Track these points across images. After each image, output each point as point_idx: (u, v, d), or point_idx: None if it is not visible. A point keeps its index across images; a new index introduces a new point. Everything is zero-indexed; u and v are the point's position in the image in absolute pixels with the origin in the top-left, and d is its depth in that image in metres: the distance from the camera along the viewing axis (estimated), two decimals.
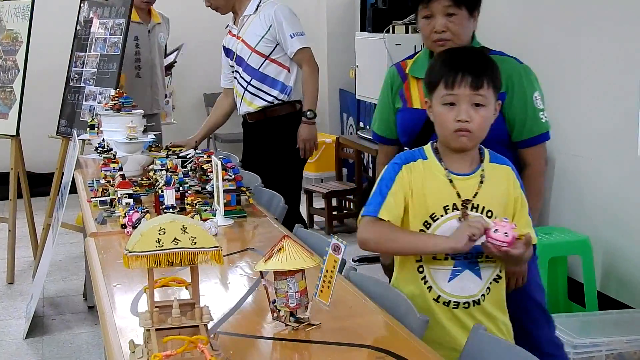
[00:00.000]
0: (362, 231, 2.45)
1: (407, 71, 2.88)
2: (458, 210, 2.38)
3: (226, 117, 5.09)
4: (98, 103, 5.38)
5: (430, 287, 2.44)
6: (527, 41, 5.30)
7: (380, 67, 6.01)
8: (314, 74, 4.75)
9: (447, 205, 2.38)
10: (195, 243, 1.72)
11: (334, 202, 6.93)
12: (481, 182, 2.40)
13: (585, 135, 4.81)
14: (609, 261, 4.58)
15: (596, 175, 4.71)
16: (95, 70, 5.50)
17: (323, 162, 7.57)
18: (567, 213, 4.97)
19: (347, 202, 7.07)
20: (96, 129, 4.63)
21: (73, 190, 4.49)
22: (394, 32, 6.05)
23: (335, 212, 6.84)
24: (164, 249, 1.69)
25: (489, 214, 2.39)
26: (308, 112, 4.74)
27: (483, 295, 2.44)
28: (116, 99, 4.50)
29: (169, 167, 3.77)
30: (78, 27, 5.80)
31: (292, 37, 4.67)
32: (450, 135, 2.36)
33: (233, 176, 3.49)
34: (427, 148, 2.46)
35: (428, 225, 2.39)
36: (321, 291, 2.28)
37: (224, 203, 3.40)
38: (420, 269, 2.45)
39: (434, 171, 2.41)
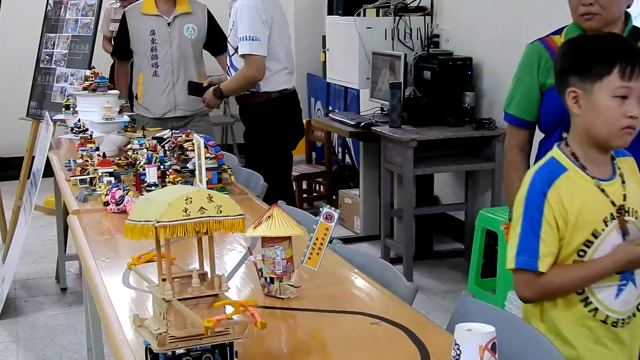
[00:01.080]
0: (523, 290, 2.18)
1: (560, 46, 2.48)
2: (615, 219, 2.14)
3: None
4: (70, 84, 5.36)
5: (595, 309, 2.14)
6: (492, 23, 5.39)
7: (351, 51, 6.06)
8: (247, 78, 4.77)
9: (606, 218, 2.13)
10: (220, 212, 1.71)
11: (304, 185, 6.98)
12: (623, 182, 2.19)
13: None
14: None
15: None
16: (67, 51, 5.48)
17: None
18: None
19: (317, 185, 7.13)
20: (71, 109, 4.61)
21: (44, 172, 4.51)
22: (364, 15, 6.09)
23: (305, 195, 6.90)
24: (192, 218, 1.68)
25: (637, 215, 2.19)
26: (219, 90, 4.85)
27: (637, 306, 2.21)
28: (91, 79, 4.49)
29: (148, 147, 3.79)
30: (48, 8, 5.76)
31: (240, 41, 4.69)
32: (616, 132, 2.09)
33: (214, 154, 3.53)
34: (560, 156, 2.17)
35: (589, 244, 2.13)
36: (309, 258, 2.33)
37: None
38: (580, 291, 2.15)
39: (581, 183, 2.14)
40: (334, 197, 6.72)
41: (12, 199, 6.20)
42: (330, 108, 7.59)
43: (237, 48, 4.72)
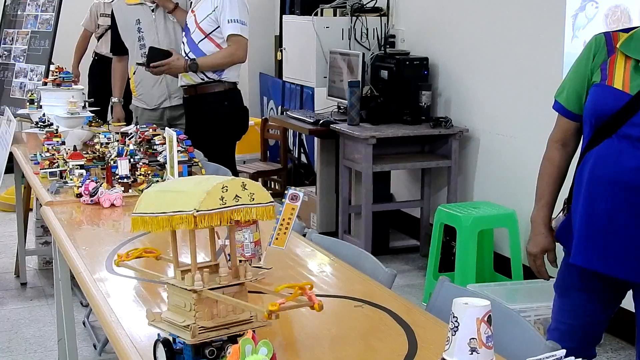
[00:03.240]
0: None
1: (618, 45, 2.46)
2: None
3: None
4: (29, 80, 5.35)
5: None
6: (447, 24, 5.53)
7: (308, 50, 6.16)
8: (233, 57, 4.79)
9: None
10: (253, 199, 1.72)
11: (259, 183, 7.04)
12: None
13: (508, 116, 5.05)
14: None
15: (519, 153, 4.96)
16: (26, 47, 5.47)
17: (244, 144, 7.66)
18: (492, 188, 5.22)
19: (272, 183, 7.20)
20: (35, 104, 4.62)
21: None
22: (322, 15, 6.19)
23: None
24: (228, 207, 1.68)
25: None
26: (195, 63, 4.79)
27: None
28: (56, 74, 4.51)
29: (117, 140, 3.83)
30: (6, 3, 5.74)
31: (228, 22, 4.74)
32: None
33: (185, 148, 3.59)
34: None
35: None
36: (277, 238, 2.42)
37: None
38: None
39: None
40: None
41: None
42: (284, 107, 7.67)
43: (213, 32, 4.74)
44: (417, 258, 5.70)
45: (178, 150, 3.49)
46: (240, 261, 2.33)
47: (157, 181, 3.57)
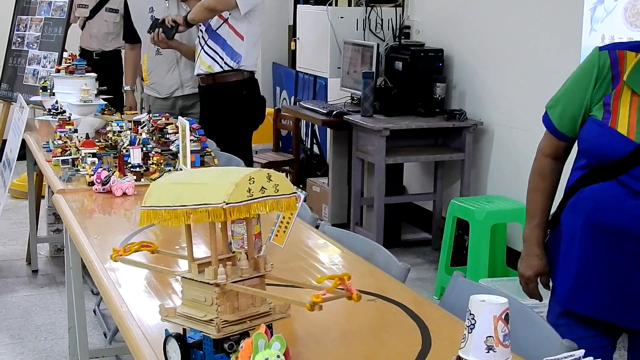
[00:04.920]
0: None
1: (624, 78, 2.20)
2: None
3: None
4: (42, 67, 5.34)
5: None
6: (463, 15, 5.49)
7: (322, 40, 6.13)
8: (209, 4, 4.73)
9: None
10: (277, 190, 1.69)
11: None
12: None
13: (523, 109, 5.01)
14: None
15: (534, 147, 4.90)
16: (40, 34, 5.44)
17: (257, 134, 7.63)
18: (506, 182, 5.18)
19: (284, 173, 7.15)
20: (49, 91, 4.60)
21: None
22: (336, 4, 6.16)
23: None
24: (255, 199, 1.64)
25: None
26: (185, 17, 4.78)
27: None
28: (69, 61, 4.49)
29: (130, 129, 3.82)
30: None
31: None
32: None
33: (198, 137, 3.57)
34: None
35: None
36: (276, 235, 2.40)
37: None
38: None
39: None
40: (301, 185, 6.76)
41: None
42: (297, 97, 7.64)
43: (230, 18, 4.72)
44: (429, 251, 5.67)
45: (190, 140, 3.46)
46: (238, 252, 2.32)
47: (170, 170, 3.55)
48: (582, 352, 1.45)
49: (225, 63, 4.81)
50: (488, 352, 1.47)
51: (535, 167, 2.47)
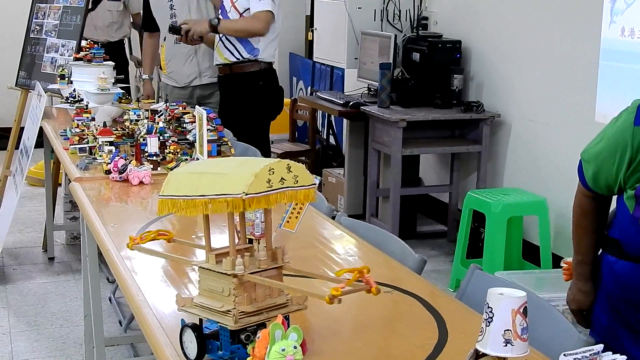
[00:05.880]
0: None
1: None
2: None
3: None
4: (60, 55, 5.34)
5: None
6: (481, 6, 5.46)
7: (340, 30, 6.11)
8: (249, 24, 4.70)
9: None
10: (297, 182, 1.69)
11: None
12: None
13: (541, 102, 4.98)
14: (561, 223, 4.77)
15: (552, 140, 4.89)
16: (58, 22, 5.44)
17: (273, 124, 7.62)
18: (523, 175, 5.15)
19: (300, 163, 7.16)
20: (66, 79, 4.61)
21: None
22: None
23: None
24: (274, 189, 1.64)
25: None
26: (216, 20, 4.74)
27: None
28: (87, 49, 4.50)
29: (147, 117, 3.83)
30: None
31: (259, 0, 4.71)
32: None
33: (215, 127, 3.57)
34: None
35: None
36: (288, 222, 2.40)
37: None
38: None
39: None
40: (314, 175, 6.75)
41: None
42: (314, 87, 7.63)
43: (247, 11, 4.71)
44: (444, 243, 5.66)
45: (207, 129, 3.47)
46: (250, 240, 2.32)
47: (186, 159, 3.56)
48: (601, 346, 1.44)
49: (241, 55, 4.81)
50: (506, 345, 1.46)
51: (576, 204, 2.37)
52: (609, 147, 2.18)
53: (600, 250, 2.35)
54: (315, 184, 1.76)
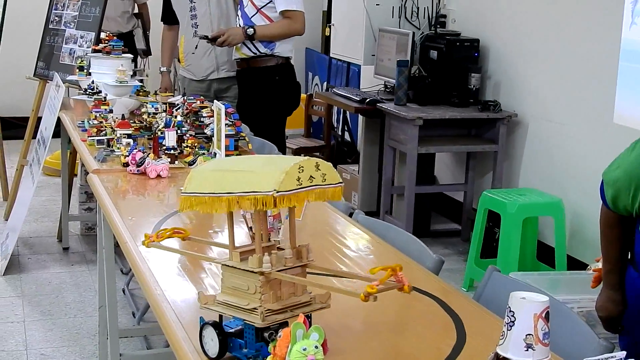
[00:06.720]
0: None
1: None
2: None
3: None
4: (79, 46, 5.36)
5: None
6: (500, 5, 5.44)
7: (357, 27, 6.10)
8: (292, 30, 4.80)
9: None
10: (325, 180, 1.69)
11: None
12: None
13: (559, 102, 4.96)
14: (576, 224, 4.76)
15: (569, 141, 4.87)
16: (77, 13, 5.46)
17: (288, 119, 7.62)
18: (539, 176, 5.14)
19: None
20: (85, 70, 4.62)
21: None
22: None
23: None
24: (304, 187, 1.65)
25: None
26: (251, 29, 4.75)
27: None
28: (106, 41, 4.50)
29: (164, 110, 3.83)
30: None
31: None
32: None
33: (233, 121, 3.57)
34: None
35: None
36: None
37: None
38: None
39: None
40: None
41: (12, 158, 6.22)
42: (329, 83, 7.63)
43: (264, 7, 4.72)
44: (458, 242, 5.65)
45: (225, 124, 3.47)
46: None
47: (204, 154, 3.56)
48: (623, 353, 1.43)
49: (258, 50, 4.82)
50: (527, 350, 1.45)
51: (602, 217, 2.40)
52: (625, 178, 2.25)
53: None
54: (342, 183, 1.75)
